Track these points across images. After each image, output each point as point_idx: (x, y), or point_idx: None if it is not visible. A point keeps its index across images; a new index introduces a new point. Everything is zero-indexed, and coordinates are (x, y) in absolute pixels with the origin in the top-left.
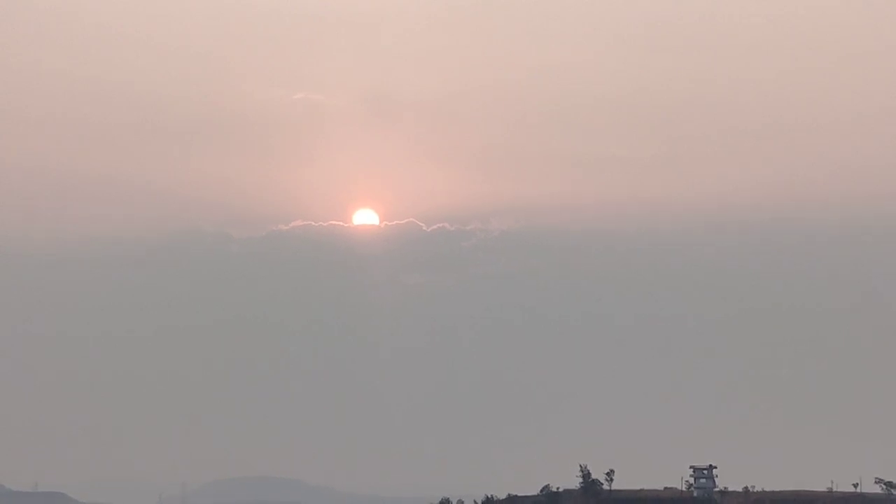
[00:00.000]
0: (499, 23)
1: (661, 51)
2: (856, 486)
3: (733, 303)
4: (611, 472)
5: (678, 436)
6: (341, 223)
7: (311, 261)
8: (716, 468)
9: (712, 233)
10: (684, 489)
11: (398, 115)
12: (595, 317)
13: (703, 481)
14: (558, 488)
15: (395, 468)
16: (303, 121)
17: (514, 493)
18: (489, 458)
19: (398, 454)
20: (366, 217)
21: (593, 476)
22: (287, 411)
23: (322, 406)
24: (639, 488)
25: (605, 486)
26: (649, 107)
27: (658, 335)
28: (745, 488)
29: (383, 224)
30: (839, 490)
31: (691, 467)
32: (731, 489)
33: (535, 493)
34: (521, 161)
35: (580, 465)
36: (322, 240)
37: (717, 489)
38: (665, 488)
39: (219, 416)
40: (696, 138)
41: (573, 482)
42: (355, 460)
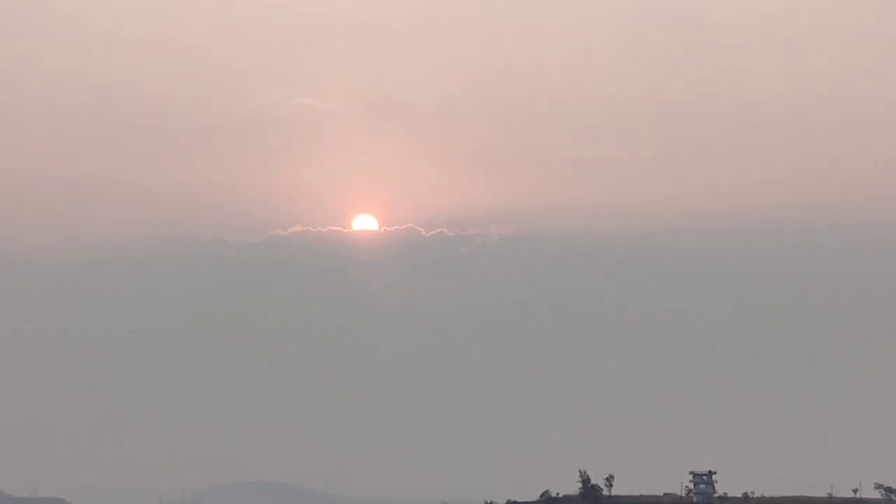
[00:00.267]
0: (497, 27)
1: (661, 53)
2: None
3: (734, 307)
4: (610, 477)
5: (678, 441)
6: (340, 228)
7: (310, 266)
8: (715, 474)
9: (714, 235)
10: (684, 495)
11: (397, 119)
12: (594, 321)
13: (702, 487)
14: (558, 494)
15: (395, 472)
16: (301, 125)
17: (513, 498)
18: (489, 463)
19: (398, 459)
20: (365, 222)
21: (593, 482)
22: (287, 416)
23: (322, 410)
24: (638, 494)
25: (605, 492)
26: (649, 109)
27: (658, 340)
28: (745, 494)
29: (382, 229)
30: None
31: (691, 473)
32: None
33: (534, 499)
34: (520, 165)
35: (580, 471)
36: (321, 245)
37: (716, 495)
38: (665, 494)
39: (219, 421)
40: (696, 140)
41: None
42: (355, 464)
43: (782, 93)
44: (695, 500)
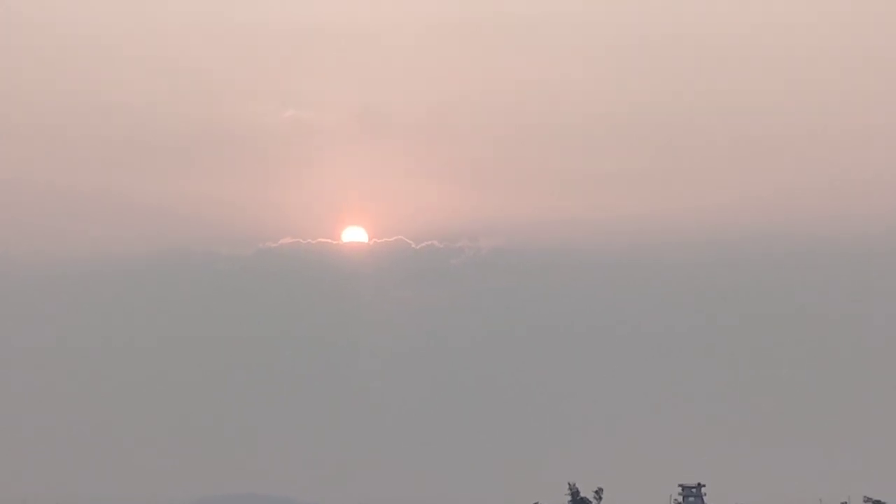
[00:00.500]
0: (489, 40)
1: (653, 65)
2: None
3: (724, 320)
4: (599, 490)
5: (667, 454)
6: (330, 240)
7: (299, 278)
8: (704, 486)
9: (705, 247)
10: None
11: (387, 132)
12: (585, 334)
13: (691, 500)
14: None
15: (385, 484)
16: (291, 138)
17: None
18: (478, 475)
19: (387, 470)
20: (354, 234)
21: (582, 494)
22: (276, 428)
23: (312, 422)
24: None
25: None
26: (640, 122)
27: (648, 353)
28: None
29: (372, 241)
30: None
31: (680, 486)
32: None
33: None
34: (511, 178)
35: (569, 484)
36: (311, 257)
37: None
38: None
39: (207, 433)
40: (688, 152)
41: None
42: (346, 477)
43: (775, 107)
44: None
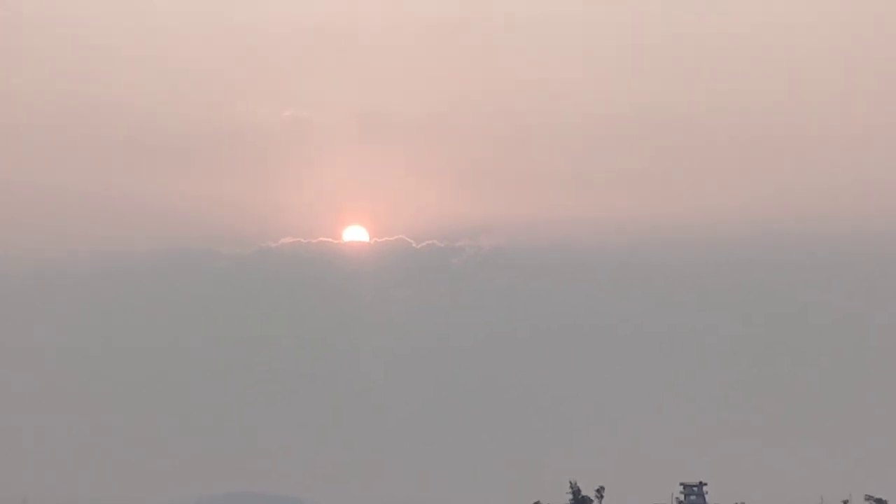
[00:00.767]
0: (489, 40)
1: (653, 65)
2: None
3: (725, 319)
4: (601, 489)
5: (668, 453)
6: (331, 240)
7: (300, 278)
8: (706, 485)
9: (705, 247)
10: None
11: (388, 132)
12: (586, 332)
13: (693, 498)
14: None
15: (387, 483)
16: (292, 138)
17: None
18: (480, 475)
19: (389, 469)
20: (355, 234)
21: (583, 493)
22: (277, 427)
23: (313, 421)
24: None
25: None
26: (641, 122)
27: (648, 352)
28: None
29: (373, 241)
30: None
31: (681, 484)
32: None
33: None
34: (512, 178)
35: (570, 482)
36: (311, 257)
37: None
38: None
39: (208, 432)
40: (687, 152)
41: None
42: (348, 476)
43: (776, 107)
44: None
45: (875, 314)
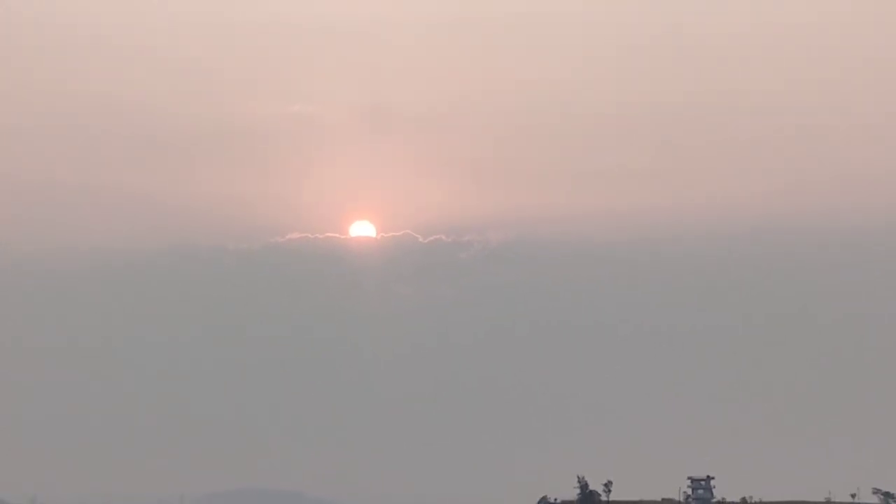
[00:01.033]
0: (494, 38)
1: (657, 63)
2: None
3: (731, 312)
4: (609, 483)
5: (676, 447)
6: (338, 235)
7: (307, 273)
8: (713, 479)
9: (710, 242)
10: (682, 500)
11: (395, 128)
12: (592, 327)
13: (700, 492)
14: (556, 499)
15: (394, 478)
16: (298, 133)
17: None
18: (487, 469)
19: (396, 464)
20: (362, 229)
21: (591, 487)
22: (284, 422)
23: (320, 416)
24: (637, 499)
25: (603, 498)
26: (644, 117)
27: (656, 345)
28: (743, 499)
29: (380, 236)
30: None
31: (689, 478)
32: (728, 500)
33: None
34: (518, 173)
35: (578, 476)
36: (318, 252)
37: (714, 500)
38: (663, 499)
39: (215, 428)
40: (692, 147)
41: (571, 493)
42: (354, 471)
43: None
44: None
45: (883, 309)
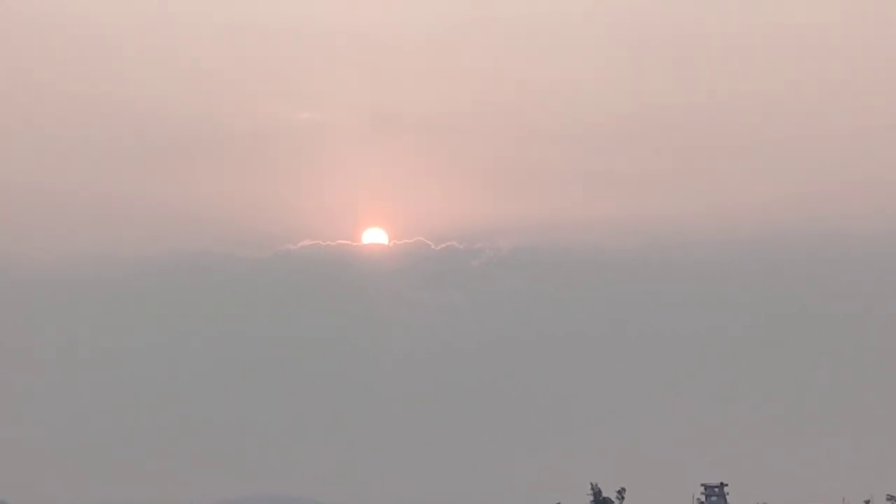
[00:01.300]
0: (505, 42)
1: (669, 66)
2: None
3: (744, 318)
4: (622, 490)
5: (690, 453)
6: (350, 242)
7: (319, 280)
8: (727, 486)
9: (725, 248)
10: None
11: (406, 133)
12: (605, 333)
13: (714, 499)
14: None
15: (407, 485)
16: (310, 140)
17: None
18: (501, 476)
19: (409, 471)
20: (374, 236)
21: (604, 494)
22: (297, 429)
23: (332, 423)
24: None
25: None
26: (655, 122)
27: (668, 351)
28: None
29: (392, 243)
30: None
31: (702, 485)
32: None
33: None
34: (530, 179)
35: (591, 484)
36: (331, 259)
37: None
38: None
39: (227, 435)
40: (703, 152)
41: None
42: (367, 478)
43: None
44: None
45: None
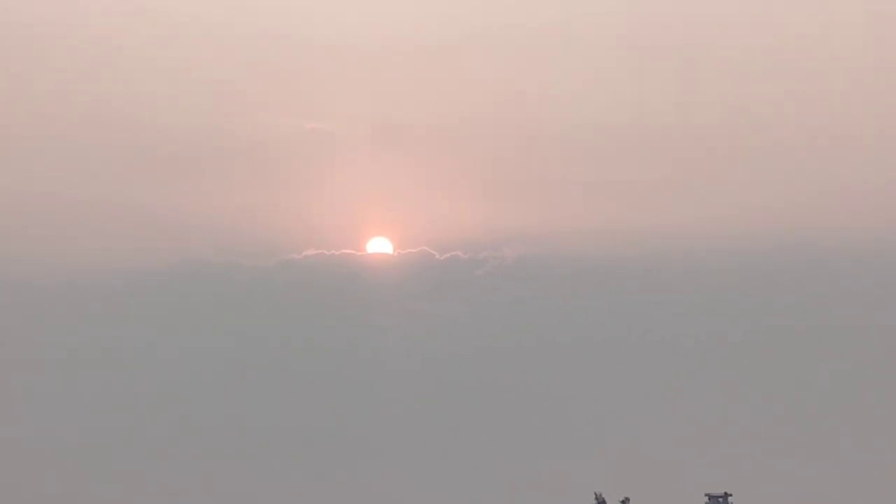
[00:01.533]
0: (507, 53)
1: (669, 76)
2: None
3: (747, 327)
4: (626, 499)
5: (694, 463)
6: (354, 251)
7: (323, 290)
8: (731, 496)
9: (727, 256)
10: None
11: (410, 143)
12: (609, 343)
13: None
14: None
15: (409, 495)
16: (314, 150)
17: None
18: (502, 486)
19: (411, 481)
20: (379, 245)
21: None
22: (300, 440)
23: (338, 434)
24: None
25: None
26: (659, 132)
27: (672, 360)
28: None
29: (396, 252)
30: None
31: (706, 495)
32: None
33: None
34: (534, 188)
35: (595, 493)
36: (335, 269)
37: None
38: None
39: (229, 444)
40: (707, 162)
41: None
42: (371, 488)
43: (796, 116)
44: None
45: None
